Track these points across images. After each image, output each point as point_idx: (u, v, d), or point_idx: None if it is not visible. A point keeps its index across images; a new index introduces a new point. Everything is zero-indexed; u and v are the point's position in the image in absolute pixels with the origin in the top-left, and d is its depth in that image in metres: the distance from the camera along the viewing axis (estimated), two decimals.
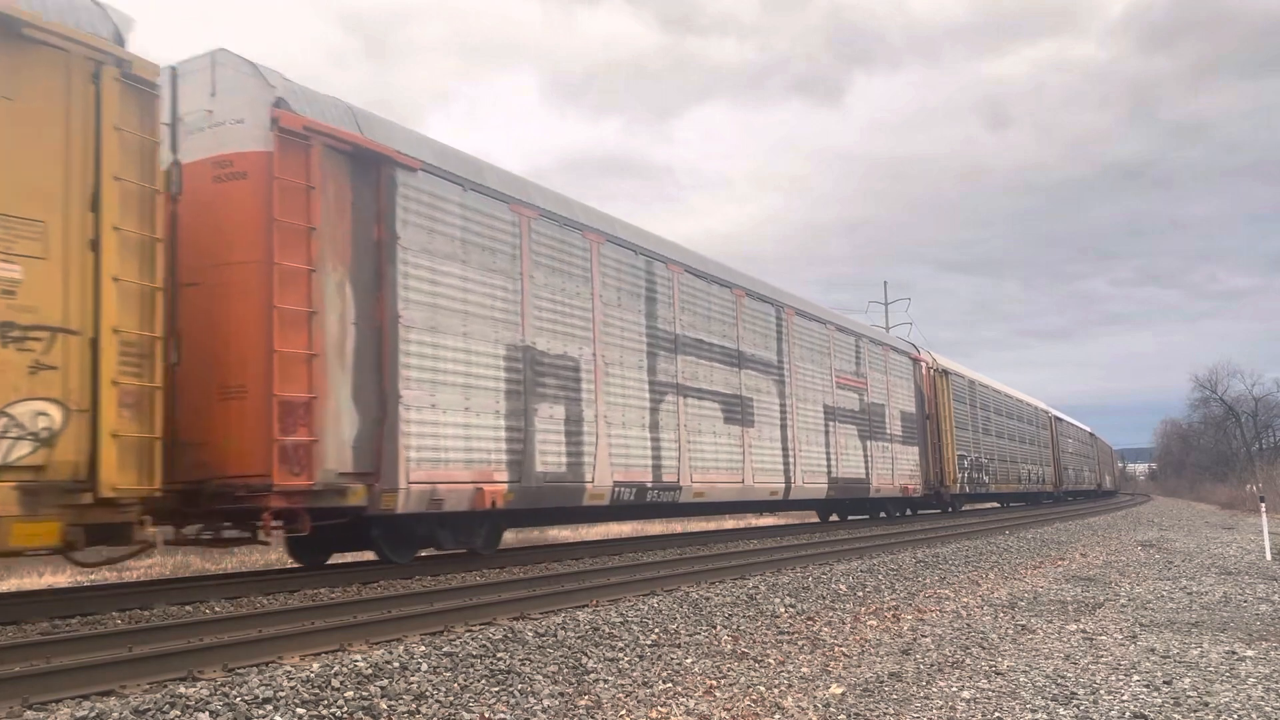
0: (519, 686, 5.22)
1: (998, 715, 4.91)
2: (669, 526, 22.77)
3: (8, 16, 6.41)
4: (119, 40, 7.18)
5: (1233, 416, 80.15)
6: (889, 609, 8.62)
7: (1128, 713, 4.87)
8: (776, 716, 4.97)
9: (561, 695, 5.19)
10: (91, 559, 7.98)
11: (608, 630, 6.57)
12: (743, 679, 5.72)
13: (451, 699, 4.91)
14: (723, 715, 4.97)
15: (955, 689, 5.48)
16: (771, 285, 17.15)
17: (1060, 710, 4.95)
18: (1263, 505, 17.97)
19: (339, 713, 4.51)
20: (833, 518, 22.36)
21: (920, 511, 25.53)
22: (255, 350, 8.12)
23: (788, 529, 19.55)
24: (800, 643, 6.88)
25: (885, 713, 5.00)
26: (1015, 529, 19.21)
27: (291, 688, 4.62)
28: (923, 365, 24.41)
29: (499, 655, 5.65)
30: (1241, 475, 54.33)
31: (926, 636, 7.17)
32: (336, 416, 8.51)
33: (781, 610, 8.04)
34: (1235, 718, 4.81)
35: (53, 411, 6.47)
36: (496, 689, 5.15)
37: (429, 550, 10.61)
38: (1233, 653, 6.41)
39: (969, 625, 7.70)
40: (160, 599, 7.69)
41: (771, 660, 6.29)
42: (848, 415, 19.14)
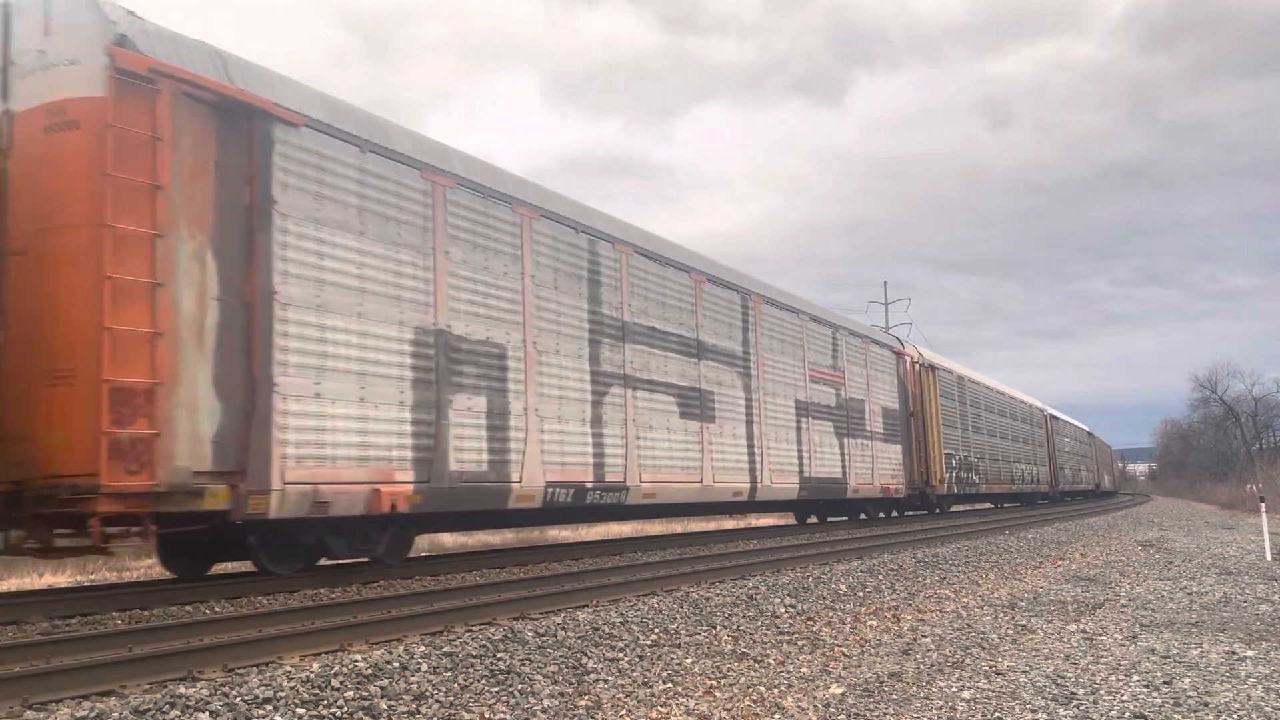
0: (519, 686, 5.22)
1: (998, 715, 4.91)
2: (669, 527, 22.75)
3: None
4: None
5: (1233, 416, 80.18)
6: (889, 609, 8.62)
7: (1128, 713, 4.87)
8: (776, 717, 4.97)
9: (561, 695, 5.19)
10: None
11: (608, 630, 6.57)
12: (743, 679, 5.72)
13: (451, 699, 4.91)
14: (723, 715, 4.97)
15: (955, 689, 5.48)
16: (737, 271, 16.06)
17: (1060, 710, 4.95)
18: (1263, 505, 17.97)
19: (339, 713, 4.51)
20: (811, 519, 21.42)
21: (907, 514, 24.48)
22: (84, 328, 6.97)
23: (787, 529, 19.39)
24: (800, 643, 6.88)
25: (885, 713, 5.00)
26: (1015, 529, 19.21)
27: (291, 688, 4.62)
28: (907, 359, 23.23)
29: (499, 655, 5.65)
30: (1241, 475, 54.36)
31: (926, 636, 7.17)
32: (191, 406, 7.33)
33: (781, 610, 8.04)
34: (1235, 718, 4.81)
35: None
36: (496, 689, 5.15)
37: (328, 560, 9.50)
38: (1233, 653, 6.41)
39: (969, 625, 7.70)
40: (160, 599, 7.69)
41: (771, 660, 6.29)
42: (823, 411, 18.06)
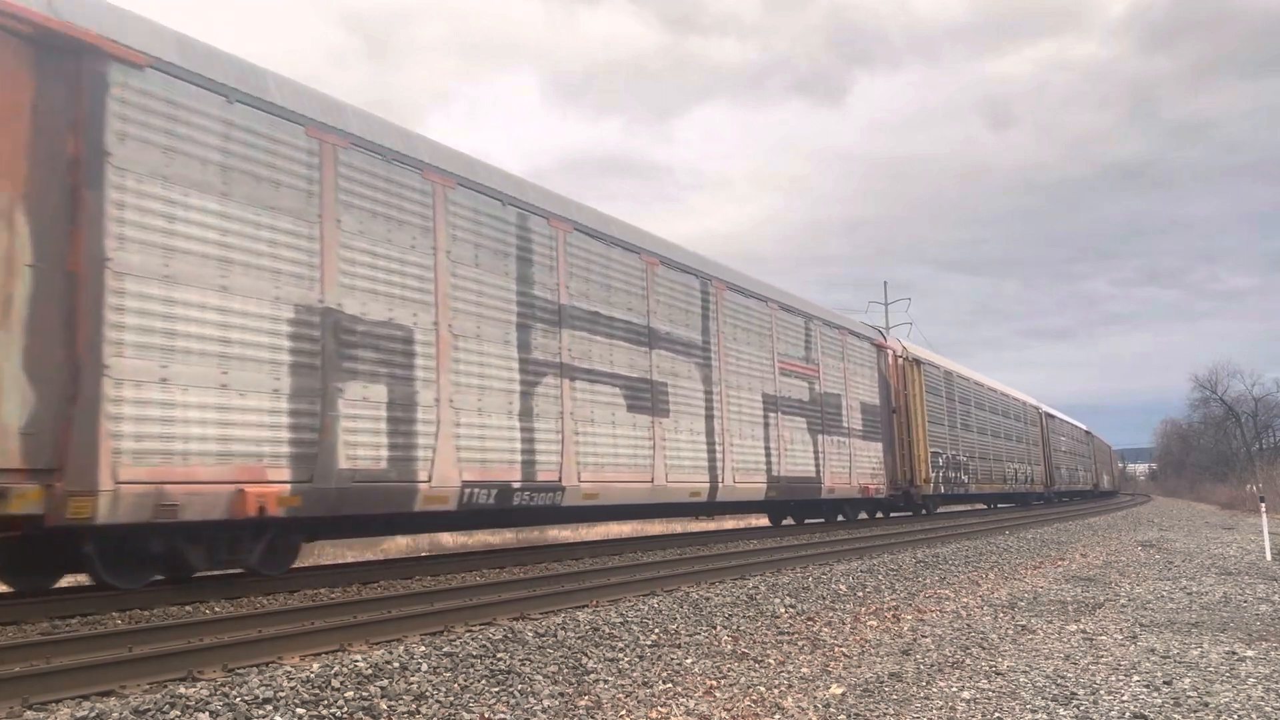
0: (519, 686, 5.22)
1: (998, 715, 4.91)
2: (669, 527, 22.74)
3: None
4: None
5: (1233, 416, 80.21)
6: (889, 609, 8.62)
7: (1128, 713, 4.87)
8: (776, 717, 4.97)
9: (561, 695, 5.19)
10: None
11: (608, 630, 6.57)
12: (743, 679, 5.72)
13: (451, 699, 4.91)
14: (723, 715, 4.97)
15: (955, 689, 5.48)
16: (696, 254, 14.93)
17: (1060, 710, 4.95)
18: (1263, 505, 17.97)
19: (339, 713, 4.51)
20: (786, 521, 20.50)
21: (892, 515, 23.52)
22: None
23: (787, 530, 19.23)
24: (800, 643, 6.88)
25: (885, 713, 5.00)
26: (1015, 529, 19.21)
27: (291, 688, 4.62)
28: (889, 353, 22.02)
29: (499, 655, 5.66)
30: (1241, 475, 54.36)
31: (926, 637, 7.17)
32: None
33: (781, 610, 8.04)
34: (1235, 718, 4.81)
35: None
36: (496, 689, 5.15)
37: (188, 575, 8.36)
38: (1233, 653, 6.41)
39: (969, 625, 7.70)
40: (160, 599, 7.69)
41: (771, 660, 6.29)
42: (794, 406, 16.95)
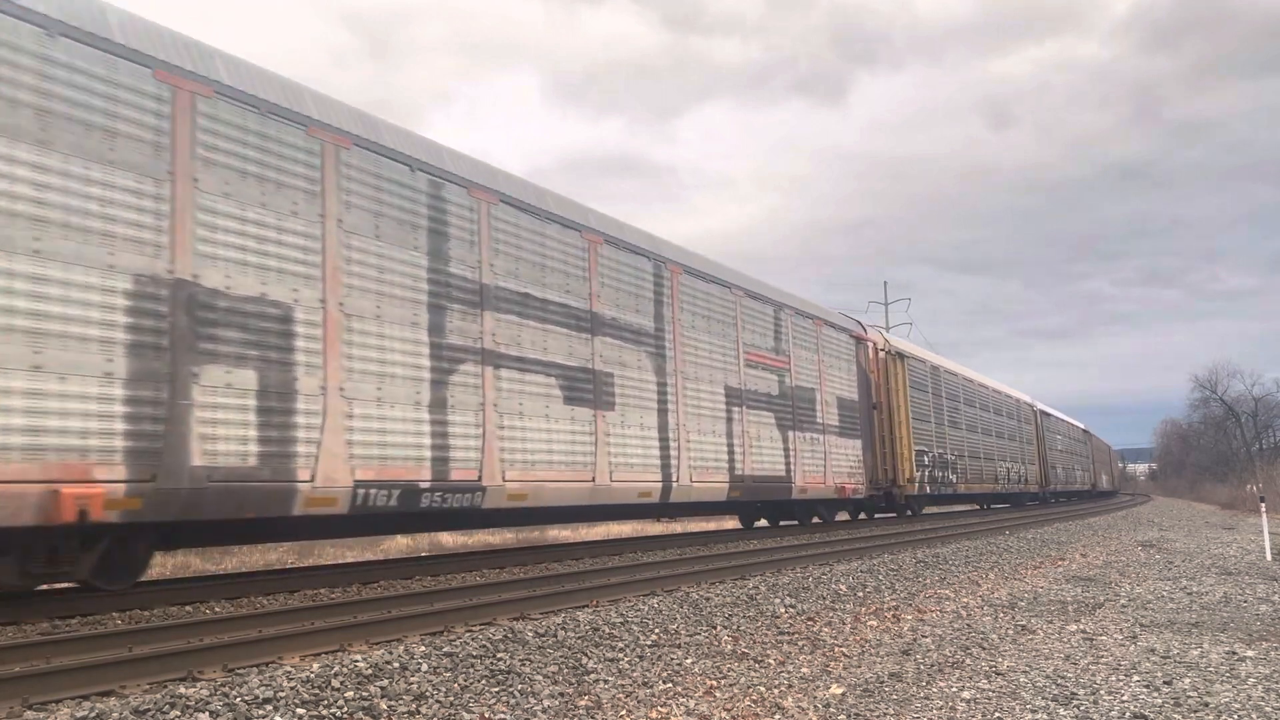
0: (519, 687, 5.22)
1: (998, 715, 4.91)
2: (669, 527, 22.74)
3: None
4: None
5: (1233, 416, 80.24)
6: (889, 609, 8.62)
7: (1128, 713, 4.87)
8: (777, 717, 4.97)
9: (561, 695, 5.19)
10: None
11: (608, 630, 6.57)
12: (743, 679, 5.72)
13: (451, 699, 4.91)
14: (723, 715, 4.97)
15: (955, 689, 5.48)
16: (649, 234, 13.76)
17: (1060, 710, 4.95)
18: (1263, 505, 17.97)
19: (339, 713, 4.52)
20: (760, 523, 19.46)
21: (876, 516, 22.55)
22: None
23: (787, 530, 19.09)
24: (800, 643, 6.88)
25: (885, 713, 5.00)
26: (1015, 529, 19.22)
27: (291, 688, 4.62)
28: (869, 346, 20.71)
29: (499, 655, 5.66)
30: (1241, 475, 54.38)
31: (927, 637, 7.17)
32: None
33: (782, 610, 8.04)
34: (1235, 718, 4.81)
35: None
36: (496, 689, 5.15)
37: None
38: (1233, 653, 6.41)
39: (969, 625, 7.70)
40: (160, 599, 7.69)
41: (772, 660, 6.29)
42: (762, 400, 15.79)
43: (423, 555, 13.90)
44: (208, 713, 4.24)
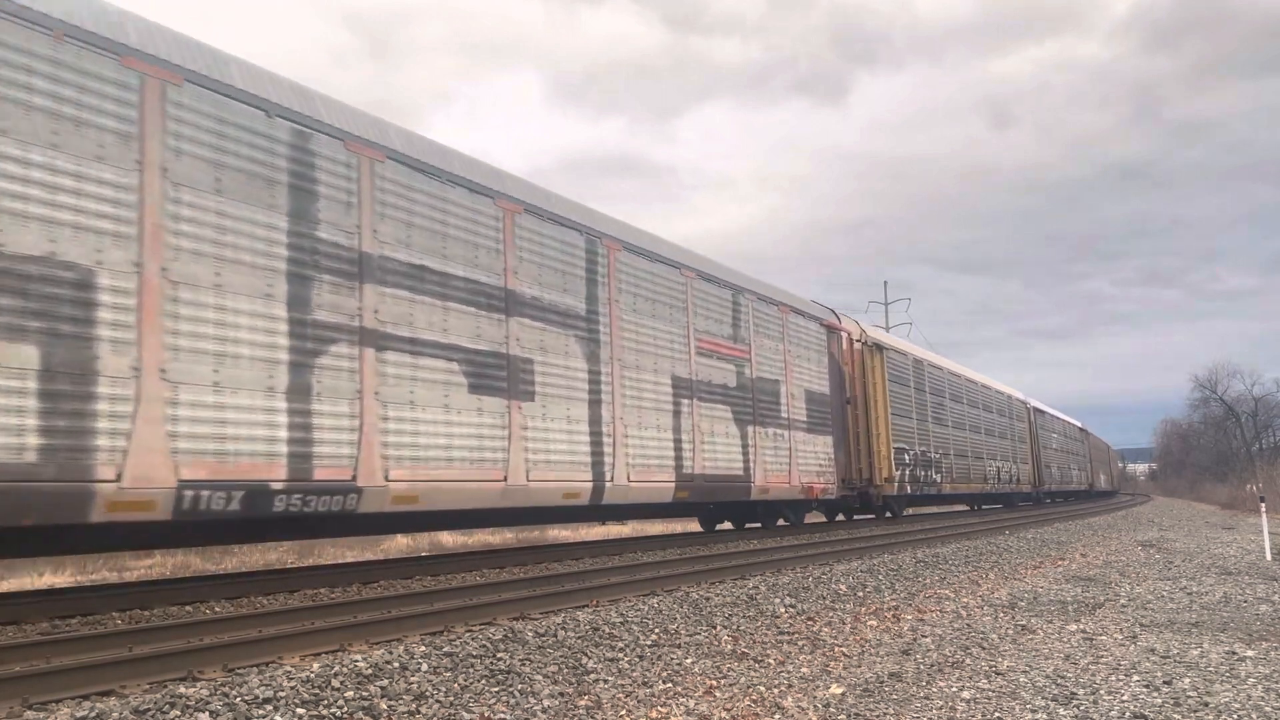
0: (519, 686, 5.23)
1: (998, 715, 4.91)
2: (669, 527, 22.71)
3: None
4: None
5: (1233, 416, 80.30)
6: (889, 609, 8.62)
7: (1128, 713, 4.88)
8: (776, 717, 4.97)
9: (561, 695, 5.19)
10: None
11: (608, 630, 6.58)
12: (743, 679, 5.72)
13: (451, 699, 4.91)
14: (723, 715, 4.97)
15: (955, 689, 5.48)
16: (581, 206, 12.38)
17: (1060, 710, 4.95)
18: (1263, 505, 17.97)
19: (339, 713, 4.52)
20: (724, 525, 18.04)
21: (856, 518, 21.48)
22: None
23: (787, 530, 18.70)
24: (800, 643, 6.88)
25: (885, 713, 5.01)
26: (1015, 529, 19.22)
27: (291, 688, 4.62)
28: (843, 336, 19.34)
29: (499, 655, 5.66)
30: (1241, 475, 54.39)
31: (926, 636, 7.17)
32: None
33: (781, 610, 8.05)
34: (1235, 718, 4.81)
35: None
36: (496, 689, 5.15)
37: None
38: (1233, 653, 6.41)
39: (969, 625, 7.70)
40: (160, 599, 7.70)
41: (771, 660, 6.30)
42: (716, 392, 14.38)
43: (423, 555, 13.90)
44: (208, 713, 4.24)
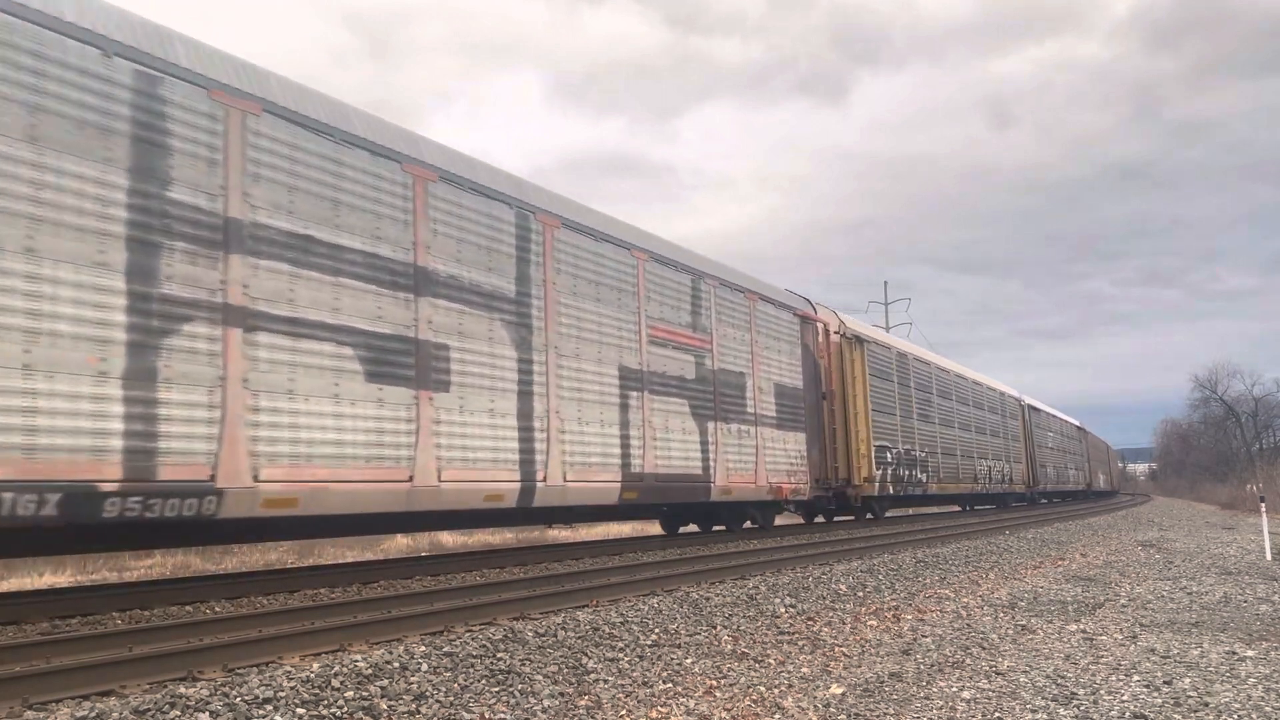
0: (519, 686, 5.23)
1: (998, 715, 4.91)
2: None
3: None
4: None
5: (1233, 416, 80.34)
6: (889, 609, 8.62)
7: (1128, 713, 4.88)
8: (777, 717, 4.97)
9: (561, 695, 5.19)
10: None
11: (608, 630, 6.58)
12: (743, 679, 5.72)
13: (452, 699, 4.91)
14: (723, 715, 4.97)
15: (955, 689, 5.48)
16: (513, 177, 11.12)
17: (1060, 710, 4.95)
18: (1263, 505, 17.98)
19: (339, 713, 4.52)
20: (689, 526, 16.74)
21: (836, 520, 20.60)
22: None
23: (788, 530, 18.69)
24: (800, 643, 6.88)
25: (885, 713, 5.01)
26: (1015, 529, 19.23)
27: (291, 688, 4.62)
28: (818, 327, 18.21)
29: (499, 655, 5.66)
30: (1241, 475, 54.41)
31: (927, 636, 7.17)
32: None
33: (782, 610, 8.04)
34: (1235, 718, 4.81)
35: None
36: (496, 689, 5.15)
37: None
38: (1233, 653, 6.41)
39: (969, 625, 7.70)
40: (160, 599, 7.70)
41: (772, 660, 6.30)
42: (672, 384, 13.24)
43: (423, 555, 13.90)
44: (208, 713, 4.24)
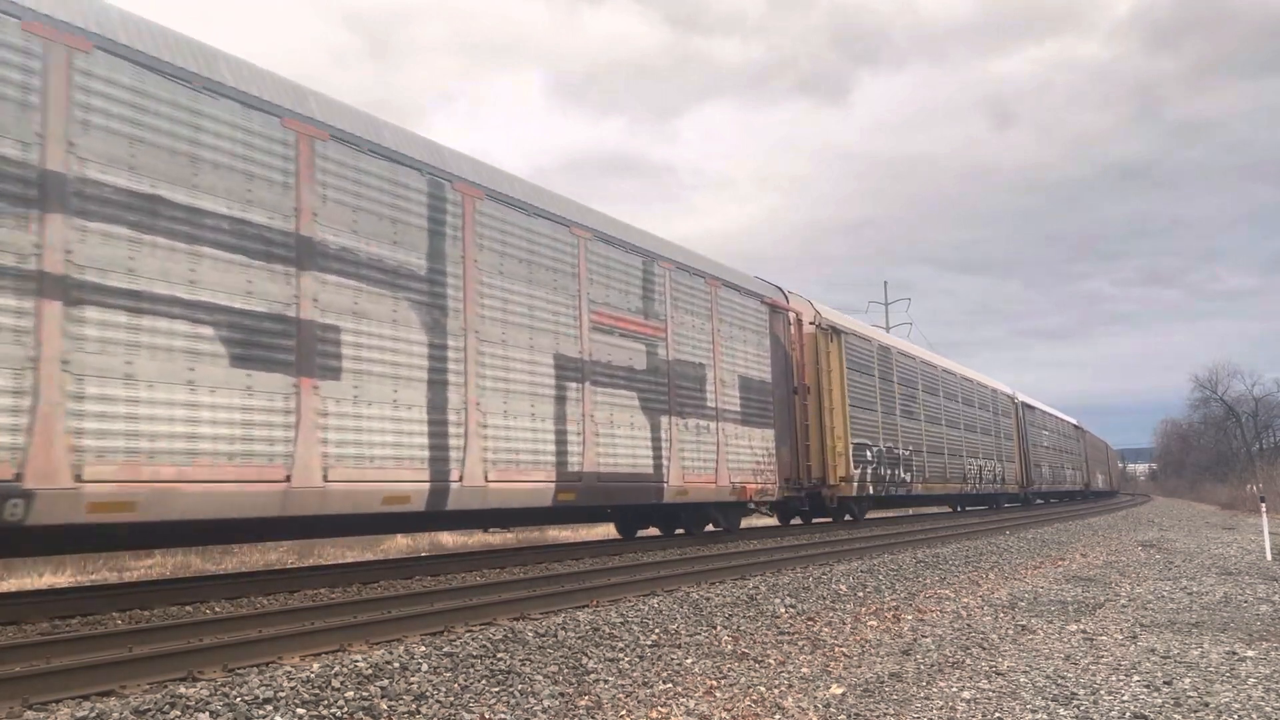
0: (519, 687, 5.23)
1: (998, 715, 4.91)
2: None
3: None
4: None
5: (1233, 416, 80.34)
6: (889, 609, 8.62)
7: (1128, 713, 4.88)
8: (777, 717, 4.97)
9: (562, 695, 5.19)
10: None
11: (608, 630, 6.57)
12: (743, 679, 5.72)
13: (452, 699, 4.91)
14: (723, 715, 4.97)
15: (955, 689, 5.48)
16: (427, 141, 9.94)
17: (1060, 710, 4.95)
18: (1263, 505, 17.98)
19: (339, 713, 4.52)
20: (648, 530, 15.55)
21: (814, 521, 19.60)
22: None
23: (788, 530, 18.51)
24: (800, 643, 6.88)
25: (885, 713, 5.00)
26: (1015, 529, 19.22)
27: (291, 688, 4.62)
28: (790, 317, 17.00)
29: (499, 655, 5.66)
30: (1241, 475, 54.38)
31: (927, 637, 7.17)
32: None
33: (782, 610, 8.04)
34: (1235, 718, 4.81)
35: None
36: (497, 689, 5.15)
37: None
38: (1233, 653, 6.41)
39: (969, 625, 7.70)
40: (160, 599, 7.70)
41: (772, 660, 6.30)
42: (619, 376, 12.17)
43: (423, 555, 13.90)
44: (208, 713, 4.24)
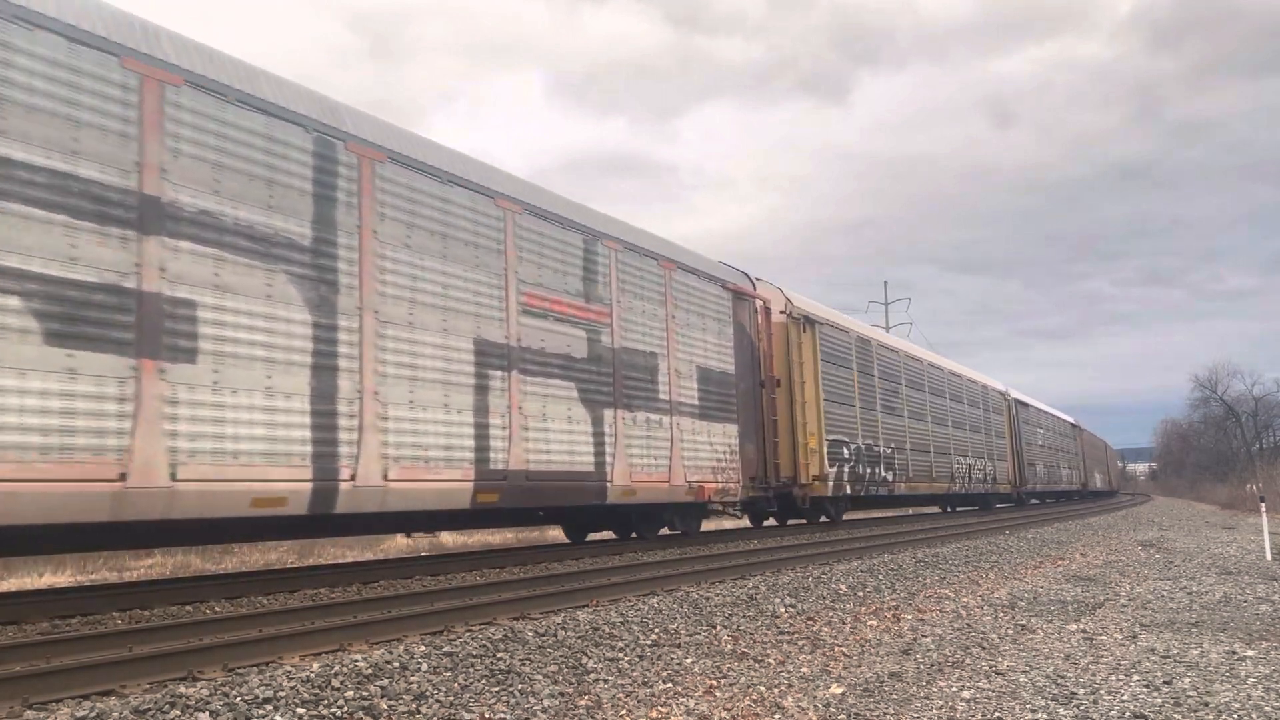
0: (519, 686, 5.23)
1: (998, 715, 4.91)
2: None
3: None
4: None
5: (1233, 416, 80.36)
6: (889, 609, 8.62)
7: (1128, 713, 4.88)
8: (777, 716, 4.97)
9: (561, 695, 5.19)
10: None
11: (608, 630, 6.58)
12: (743, 679, 5.72)
13: (452, 699, 4.91)
14: (723, 715, 4.97)
15: (955, 689, 5.48)
16: (316, 95, 8.81)
17: (1060, 710, 4.95)
18: (1263, 505, 17.98)
19: (339, 713, 4.52)
20: (601, 534, 14.55)
21: (790, 522, 18.76)
22: None
23: (788, 530, 18.27)
24: (800, 643, 6.88)
25: (885, 713, 5.01)
26: (1015, 529, 19.23)
27: (291, 688, 4.62)
28: (757, 304, 15.90)
29: (499, 655, 5.66)
30: (1241, 475, 54.37)
31: (926, 636, 7.17)
32: None
33: (782, 610, 8.04)
34: (1235, 718, 4.81)
35: None
36: (496, 689, 5.15)
37: None
38: (1233, 653, 6.41)
39: (969, 625, 7.70)
40: (160, 599, 7.70)
41: (771, 660, 6.30)
42: (554, 364, 11.06)
43: (423, 555, 13.90)
44: (208, 712, 4.24)
